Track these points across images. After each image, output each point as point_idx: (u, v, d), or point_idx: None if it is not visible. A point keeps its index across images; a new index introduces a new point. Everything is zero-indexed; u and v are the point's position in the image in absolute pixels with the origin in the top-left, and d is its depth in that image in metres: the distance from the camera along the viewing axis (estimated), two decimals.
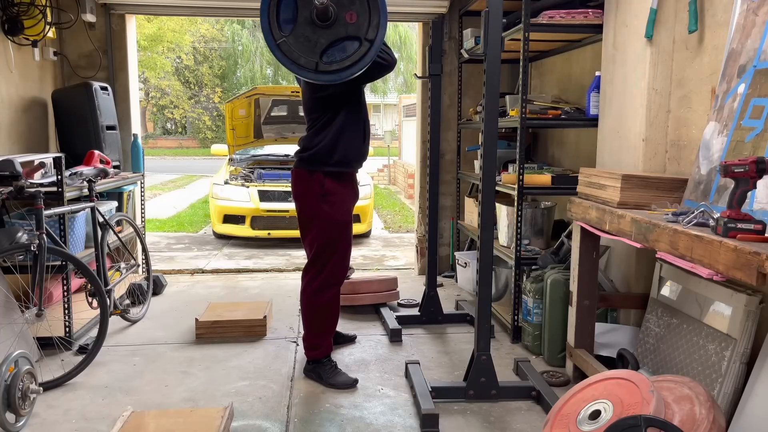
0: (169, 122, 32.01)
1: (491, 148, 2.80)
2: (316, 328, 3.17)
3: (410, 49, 23.08)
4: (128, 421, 2.53)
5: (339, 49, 2.65)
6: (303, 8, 2.61)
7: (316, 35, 2.62)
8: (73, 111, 4.35)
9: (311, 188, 3.06)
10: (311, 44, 2.63)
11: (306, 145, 3.09)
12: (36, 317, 3.01)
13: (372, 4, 2.63)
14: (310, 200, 3.07)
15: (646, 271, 3.13)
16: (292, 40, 2.62)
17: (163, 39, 19.10)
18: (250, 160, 7.95)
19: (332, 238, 3.08)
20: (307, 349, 3.20)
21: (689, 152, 2.87)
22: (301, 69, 2.66)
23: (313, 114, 3.09)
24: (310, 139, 3.08)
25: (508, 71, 5.16)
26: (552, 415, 2.27)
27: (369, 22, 2.63)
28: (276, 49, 2.62)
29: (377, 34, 2.66)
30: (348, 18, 2.62)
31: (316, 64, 2.64)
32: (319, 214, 3.06)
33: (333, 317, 3.21)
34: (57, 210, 3.30)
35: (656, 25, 2.98)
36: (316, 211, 3.06)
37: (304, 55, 2.63)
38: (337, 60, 2.65)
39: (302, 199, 3.12)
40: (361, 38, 2.65)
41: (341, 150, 3.04)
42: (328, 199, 3.05)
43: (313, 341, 3.18)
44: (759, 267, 1.65)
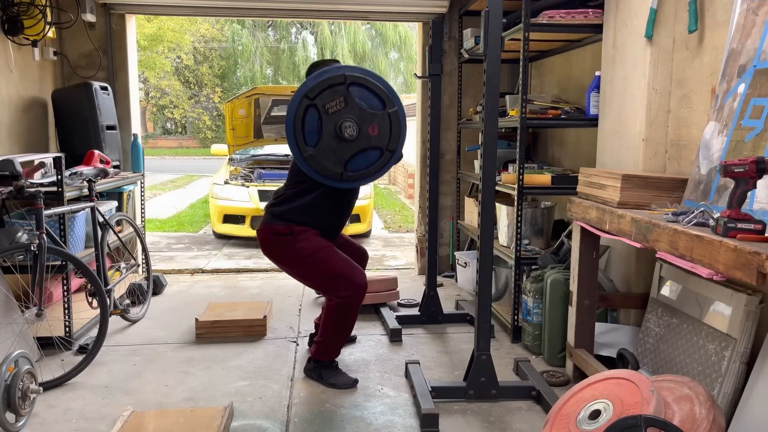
0: (169, 122, 32.01)
1: (491, 148, 2.79)
2: (338, 337, 3.14)
3: (410, 49, 23.07)
4: (128, 421, 2.53)
5: (362, 158, 2.78)
6: (327, 122, 2.72)
7: (341, 148, 2.75)
8: (73, 111, 4.35)
9: (283, 238, 3.03)
10: (336, 157, 2.75)
11: (279, 202, 3.09)
12: (36, 317, 3.01)
13: (393, 117, 2.76)
14: (285, 246, 3.03)
15: (646, 271, 3.13)
16: (318, 153, 2.74)
17: (163, 39, 19.10)
18: (250, 160, 7.96)
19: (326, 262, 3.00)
20: (317, 351, 3.16)
21: (689, 152, 2.87)
22: (326, 179, 2.78)
23: (296, 177, 3.08)
24: (285, 198, 3.08)
25: (508, 71, 5.16)
26: (552, 415, 2.27)
27: (390, 134, 2.77)
28: (303, 162, 2.74)
29: (398, 145, 2.81)
30: (370, 130, 2.75)
31: (341, 174, 2.78)
32: (301, 252, 3.00)
33: (354, 323, 3.18)
34: (57, 210, 3.30)
35: (656, 25, 2.98)
36: (296, 252, 3.02)
37: (330, 165, 2.75)
38: (360, 169, 2.80)
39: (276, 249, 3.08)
40: (383, 149, 2.78)
41: (311, 221, 3.03)
42: (300, 237, 3.01)
43: (329, 347, 3.15)
44: (759, 267, 1.65)
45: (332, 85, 2.74)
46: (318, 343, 3.17)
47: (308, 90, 2.73)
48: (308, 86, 2.75)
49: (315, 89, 2.73)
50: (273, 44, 26.54)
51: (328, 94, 2.73)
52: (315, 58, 26.30)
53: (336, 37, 24.96)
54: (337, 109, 2.73)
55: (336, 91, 2.74)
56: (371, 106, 2.75)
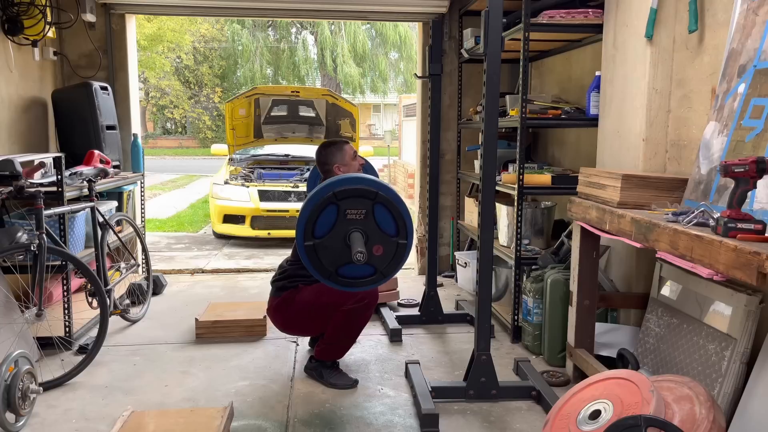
0: (169, 122, 32.00)
1: (491, 148, 2.79)
2: (345, 340, 3.16)
3: (410, 49, 23.08)
4: (128, 421, 2.53)
5: (355, 268, 2.82)
6: (341, 225, 2.76)
7: (341, 252, 2.79)
8: (73, 111, 4.35)
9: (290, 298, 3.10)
10: (334, 257, 2.79)
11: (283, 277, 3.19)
12: (36, 317, 3.01)
13: (400, 248, 2.81)
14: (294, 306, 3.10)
15: (646, 271, 3.13)
16: (319, 247, 2.78)
17: (163, 39, 19.08)
18: (250, 160, 7.95)
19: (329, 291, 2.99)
20: (322, 351, 3.16)
21: (689, 152, 2.87)
22: (315, 271, 2.82)
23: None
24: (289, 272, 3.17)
25: (508, 71, 5.16)
26: (552, 415, 2.27)
27: (391, 261, 2.83)
28: (302, 249, 2.78)
29: (392, 273, 2.88)
30: (375, 249, 2.79)
31: (330, 274, 2.82)
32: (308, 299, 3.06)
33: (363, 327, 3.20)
34: (57, 210, 3.30)
35: (656, 24, 2.98)
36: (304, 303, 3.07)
37: (323, 263, 2.79)
38: (348, 277, 2.83)
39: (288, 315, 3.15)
40: (377, 269, 2.83)
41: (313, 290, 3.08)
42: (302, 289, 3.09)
43: (334, 348, 3.16)
44: (759, 267, 1.65)
45: (362, 195, 2.77)
46: (324, 344, 3.16)
47: (339, 190, 2.74)
48: (340, 186, 2.76)
49: (346, 192, 2.75)
50: (273, 44, 26.53)
51: (354, 201, 2.76)
52: (315, 58, 26.30)
53: (336, 37, 24.95)
54: (354, 218, 2.77)
55: (363, 202, 2.77)
56: (386, 229, 2.80)
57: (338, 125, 8.05)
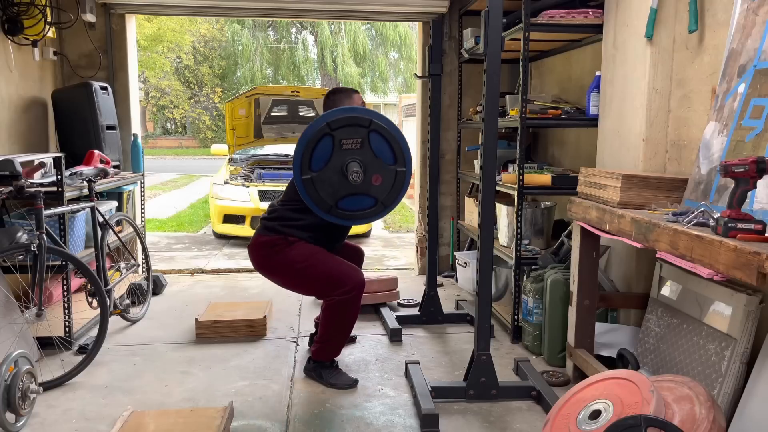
0: (169, 122, 32.01)
1: (491, 148, 2.79)
2: (337, 336, 3.13)
3: (410, 49, 23.07)
4: (128, 421, 2.53)
5: (355, 200, 2.80)
6: (337, 156, 2.74)
7: (340, 184, 2.77)
8: (73, 111, 4.35)
9: (275, 249, 3.01)
10: (332, 190, 2.78)
11: (274, 217, 3.08)
12: (36, 317, 3.01)
13: (399, 176, 2.79)
14: (277, 256, 3.01)
15: (646, 271, 3.13)
16: (317, 180, 2.76)
17: (163, 39, 19.08)
18: (250, 160, 7.95)
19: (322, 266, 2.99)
20: (317, 350, 3.15)
21: (689, 152, 2.87)
22: (314, 205, 2.79)
23: (291, 193, 3.07)
24: (280, 213, 3.08)
25: (508, 71, 5.16)
26: (552, 415, 2.27)
27: (390, 190, 2.80)
28: (300, 183, 2.75)
29: (393, 203, 2.84)
30: (374, 179, 2.78)
31: (330, 208, 2.80)
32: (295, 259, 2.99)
33: (354, 323, 3.18)
34: (57, 210, 3.30)
35: (656, 24, 2.98)
36: (289, 260, 3.00)
37: (322, 196, 2.77)
38: (349, 209, 2.81)
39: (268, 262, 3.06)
40: (378, 200, 2.80)
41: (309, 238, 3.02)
42: (293, 245, 3.00)
43: (329, 346, 3.13)
44: (759, 267, 1.65)
45: (356, 124, 2.76)
46: (318, 343, 3.16)
47: (332, 120, 2.74)
48: (333, 116, 2.76)
49: (339, 122, 2.74)
50: (273, 44, 26.53)
51: (349, 130, 2.75)
52: (315, 58, 26.29)
53: (336, 37, 24.95)
54: (350, 148, 2.75)
55: (357, 131, 2.76)
56: (384, 157, 2.78)
57: None
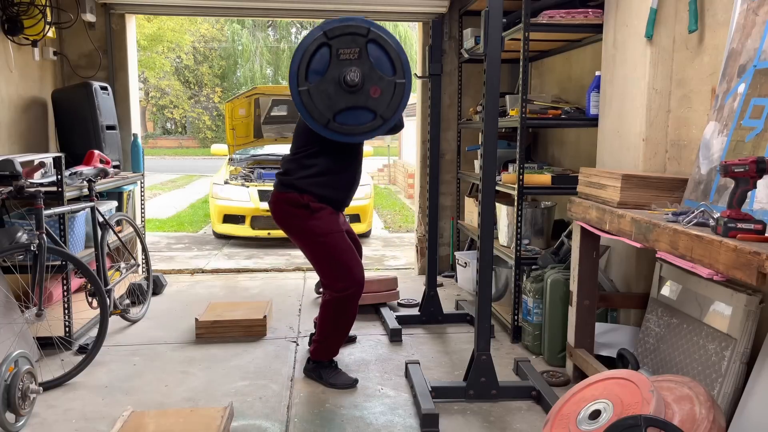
0: (169, 122, 32.01)
1: (491, 148, 2.79)
2: (335, 335, 3.13)
3: (410, 49, 23.02)
4: (128, 421, 2.53)
5: (353, 115, 2.73)
6: (334, 67, 2.67)
7: (337, 96, 2.69)
8: (73, 111, 4.35)
9: (295, 210, 3.02)
10: (330, 102, 2.70)
11: (286, 171, 3.07)
12: (36, 317, 3.01)
13: (398, 88, 2.71)
14: (298, 220, 3.03)
15: (646, 271, 3.13)
16: (314, 92, 2.69)
17: (163, 39, 19.09)
18: (250, 160, 7.95)
19: (335, 249, 3.02)
20: (315, 350, 3.16)
21: (689, 152, 2.87)
22: (312, 120, 2.72)
23: (301, 140, 3.06)
24: (291, 166, 3.06)
25: (508, 71, 5.16)
26: (552, 415, 2.27)
27: (389, 102, 2.72)
28: (296, 95, 2.68)
29: (393, 116, 2.75)
30: (372, 92, 2.70)
31: (328, 122, 2.72)
32: (314, 230, 3.00)
33: (351, 324, 3.19)
34: (57, 210, 3.30)
35: (656, 24, 2.98)
36: (308, 229, 3.01)
37: (319, 109, 2.70)
38: (348, 124, 2.74)
39: (290, 222, 3.08)
40: (377, 113, 2.73)
41: (320, 188, 3.01)
42: (316, 215, 3.00)
43: (326, 345, 3.14)
44: (759, 267, 1.65)
45: (354, 33, 2.66)
46: (316, 342, 3.16)
47: (329, 29, 2.64)
48: (330, 25, 2.66)
49: (336, 30, 2.65)
50: (273, 44, 26.54)
51: (346, 40, 2.66)
52: None
53: None
54: (348, 58, 2.66)
55: (355, 40, 2.66)
56: (382, 68, 2.69)
57: None
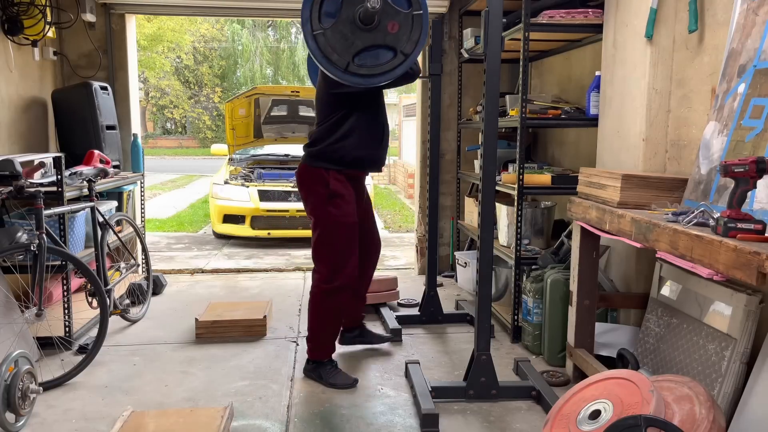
0: (169, 122, 32.02)
1: (491, 148, 2.79)
2: (323, 330, 3.13)
3: None
4: (128, 421, 2.53)
5: (372, 55, 2.64)
6: (348, 6, 2.58)
7: (354, 36, 2.60)
8: (73, 111, 4.35)
9: (316, 188, 3.03)
10: (347, 43, 2.60)
11: (315, 140, 3.05)
12: (36, 317, 3.01)
13: (416, 20, 2.62)
14: (315, 200, 3.05)
15: (646, 271, 3.13)
16: (329, 34, 2.58)
17: (163, 39, 19.10)
18: (250, 160, 7.96)
19: (339, 240, 3.03)
20: (310, 349, 3.17)
21: (689, 152, 2.87)
22: (330, 65, 2.62)
23: (326, 109, 3.04)
24: (320, 134, 3.03)
25: (508, 71, 5.16)
26: (552, 415, 2.27)
27: (409, 37, 2.63)
28: (311, 39, 2.58)
29: (414, 50, 2.66)
30: (390, 27, 2.61)
31: (347, 65, 2.62)
32: (326, 217, 3.01)
33: (339, 319, 3.19)
34: (57, 210, 3.30)
35: (656, 24, 2.98)
36: (322, 212, 3.03)
37: (337, 52, 2.60)
38: (368, 65, 2.64)
39: (307, 198, 3.11)
40: (396, 50, 2.65)
41: (352, 151, 3.00)
42: (333, 201, 3.00)
43: (318, 342, 3.15)
44: (759, 267, 1.65)
45: None
46: (308, 341, 3.17)
47: None
48: None
49: None
50: (273, 44, 26.54)
51: None
52: None
53: None
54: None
55: None
56: (397, 2, 2.62)
57: None
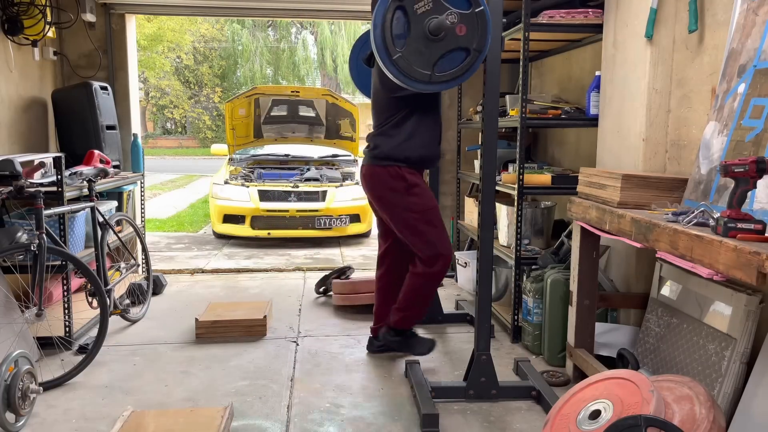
0: (169, 122, 32.02)
1: (491, 148, 2.80)
2: (424, 304, 3.28)
3: None
4: (128, 421, 2.53)
5: (448, 59, 2.74)
6: (416, 23, 2.68)
7: (429, 49, 2.70)
8: (73, 111, 4.35)
9: (394, 184, 3.18)
10: (424, 58, 2.70)
11: (379, 143, 3.22)
12: (36, 317, 3.01)
13: (479, 17, 2.70)
14: (396, 195, 3.19)
15: (646, 271, 3.13)
16: (407, 54, 2.69)
17: (163, 39, 19.11)
18: (250, 160, 7.95)
19: (428, 224, 3.18)
20: (400, 319, 3.29)
21: (689, 152, 2.87)
22: (415, 82, 2.73)
23: (385, 113, 3.22)
24: (382, 138, 3.21)
25: (508, 71, 5.16)
26: (552, 415, 2.27)
27: (476, 34, 2.71)
28: (391, 65, 2.68)
29: (485, 46, 2.74)
30: (458, 30, 2.70)
31: (430, 76, 2.73)
32: (411, 207, 3.17)
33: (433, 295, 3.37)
34: (57, 210, 3.30)
35: (656, 24, 2.98)
36: (406, 204, 3.18)
37: (418, 68, 2.71)
38: (447, 70, 2.74)
39: (386, 195, 3.23)
40: (470, 49, 2.73)
41: (415, 150, 3.17)
42: (413, 191, 3.17)
43: (411, 313, 3.28)
44: (759, 267, 1.65)
45: None
46: (400, 312, 3.29)
47: None
48: None
49: None
50: (273, 44, 26.55)
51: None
52: (315, 58, 26.30)
53: (336, 37, 24.96)
54: (425, 10, 2.69)
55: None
56: (457, 6, 2.72)
57: (338, 125, 8.06)
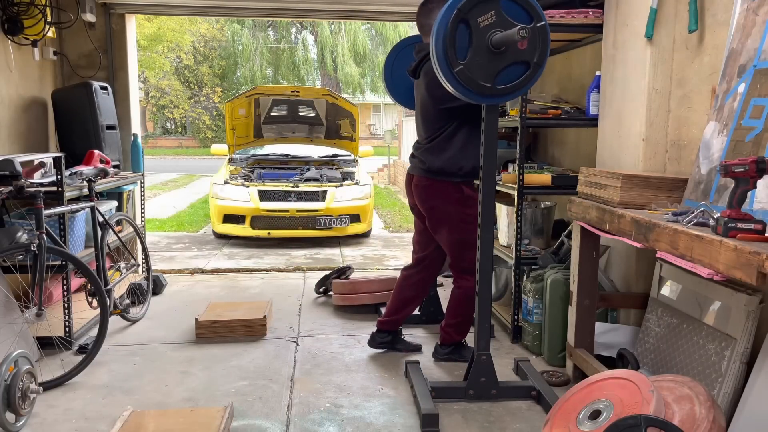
0: (169, 122, 32.03)
1: (491, 148, 2.80)
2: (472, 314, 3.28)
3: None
4: (128, 421, 2.53)
5: (508, 72, 2.76)
6: (478, 37, 2.69)
7: (491, 62, 2.71)
8: (73, 111, 4.35)
9: (450, 196, 3.26)
10: (485, 71, 2.72)
11: (432, 158, 3.28)
12: (36, 317, 3.01)
13: (540, 32, 2.73)
14: (452, 206, 3.27)
15: (646, 271, 3.13)
16: (469, 67, 2.71)
17: (163, 39, 19.11)
18: (250, 160, 7.96)
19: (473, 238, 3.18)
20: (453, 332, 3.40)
21: (689, 152, 2.87)
22: (474, 95, 2.75)
23: (435, 125, 3.29)
24: (435, 151, 3.28)
25: None
26: (552, 415, 2.27)
27: (538, 48, 2.75)
28: (453, 79, 2.69)
29: (544, 60, 2.77)
30: (520, 44, 2.73)
31: (491, 90, 2.75)
32: (466, 218, 3.22)
33: None
34: (57, 210, 3.30)
35: (656, 24, 2.98)
36: (461, 215, 3.25)
37: (479, 81, 2.73)
38: (507, 83, 2.76)
39: (441, 206, 3.30)
40: (530, 63, 2.76)
41: (469, 161, 3.22)
42: (469, 203, 3.23)
43: (463, 327, 3.39)
44: (759, 267, 1.65)
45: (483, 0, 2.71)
46: (453, 326, 3.40)
47: (461, 4, 2.67)
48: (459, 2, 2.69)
49: (468, 4, 2.68)
50: (273, 44, 26.55)
51: (479, 8, 2.69)
52: (315, 58, 26.29)
53: (336, 37, 24.96)
54: (488, 23, 2.70)
55: (488, 4, 2.70)
56: (521, 20, 2.75)
57: (338, 125, 8.06)
